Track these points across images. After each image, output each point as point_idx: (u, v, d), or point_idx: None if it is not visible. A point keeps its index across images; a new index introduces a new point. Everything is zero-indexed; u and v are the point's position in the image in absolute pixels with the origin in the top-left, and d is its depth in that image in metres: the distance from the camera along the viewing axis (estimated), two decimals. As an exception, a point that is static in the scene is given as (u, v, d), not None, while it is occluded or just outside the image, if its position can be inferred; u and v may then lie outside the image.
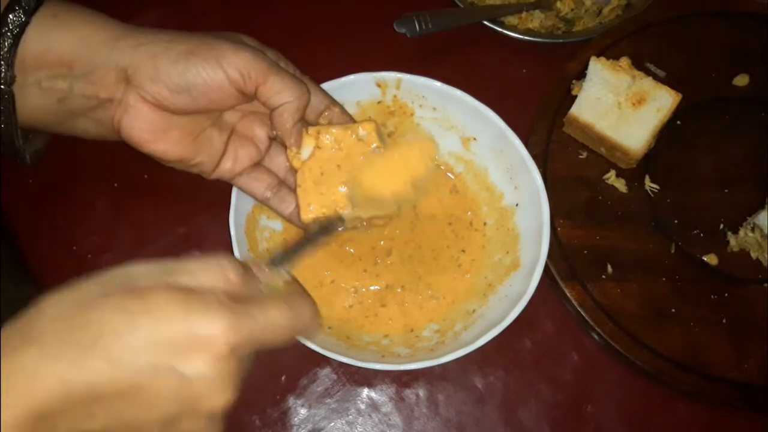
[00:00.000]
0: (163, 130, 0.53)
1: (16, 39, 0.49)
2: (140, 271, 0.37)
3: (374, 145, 0.56)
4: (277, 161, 0.59)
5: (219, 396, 0.36)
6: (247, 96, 0.53)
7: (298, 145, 0.55)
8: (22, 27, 0.50)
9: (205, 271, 0.38)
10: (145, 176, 0.67)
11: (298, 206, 0.56)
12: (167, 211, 0.66)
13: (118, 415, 0.35)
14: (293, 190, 0.57)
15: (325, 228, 0.55)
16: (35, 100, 0.51)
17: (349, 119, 0.58)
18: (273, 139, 0.58)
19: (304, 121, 0.56)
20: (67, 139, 0.67)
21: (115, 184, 0.66)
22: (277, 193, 0.58)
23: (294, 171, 0.56)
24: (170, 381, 0.35)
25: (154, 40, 0.51)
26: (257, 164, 0.58)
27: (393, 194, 0.55)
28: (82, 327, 0.34)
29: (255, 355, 0.39)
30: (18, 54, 0.50)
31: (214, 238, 0.64)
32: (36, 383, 0.33)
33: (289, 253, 0.49)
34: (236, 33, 0.55)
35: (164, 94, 0.51)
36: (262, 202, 0.59)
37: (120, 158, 0.67)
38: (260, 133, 0.57)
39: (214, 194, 0.63)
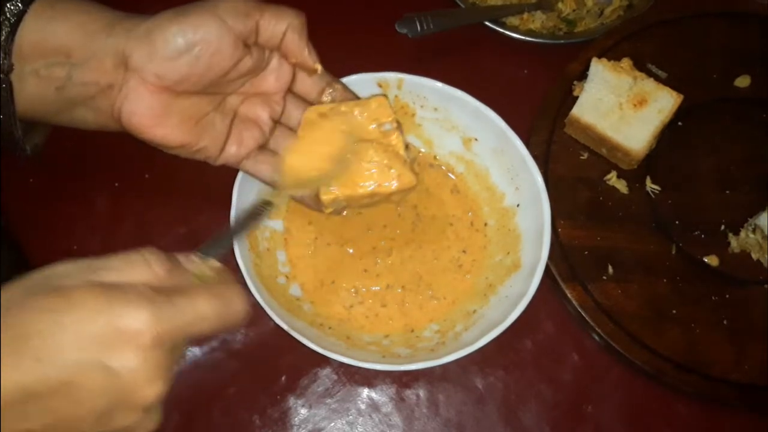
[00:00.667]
0: (164, 114, 0.52)
1: (14, 28, 0.49)
2: (64, 270, 0.38)
3: (388, 122, 0.56)
4: (282, 143, 0.58)
5: (150, 387, 0.37)
6: (248, 46, 0.52)
7: (318, 61, 0.55)
8: (20, 16, 0.49)
9: (130, 266, 0.38)
10: (146, 176, 0.67)
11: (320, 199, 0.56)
12: (167, 211, 0.66)
13: (53, 413, 0.36)
14: None
15: (253, 213, 0.53)
16: (33, 89, 0.51)
17: (353, 96, 0.58)
18: (276, 122, 0.58)
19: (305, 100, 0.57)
20: (68, 139, 0.67)
21: (116, 184, 0.66)
22: None
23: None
24: (99, 376, 0.35)
25: (148, 19, 0.51)
26: (263, 147, 0.58)
27: (316, 172, 0.56)
28: (6, 329, 0.35)
29: (186, 344, 0.40)
30: (15, 43, 0.49)
31: (214, 238, 0.64)
32: None
33: (218, 242, 0.47)
34: None
35: (164, 67, 0.50)
36: (271, 185, 0.58)
37: (120, 158, 0.67)
38: (263, 115, 0.57)
39: (214, 194, 0.63)
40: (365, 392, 0.61)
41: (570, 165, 0.67)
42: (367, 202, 0.58)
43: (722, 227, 0.65)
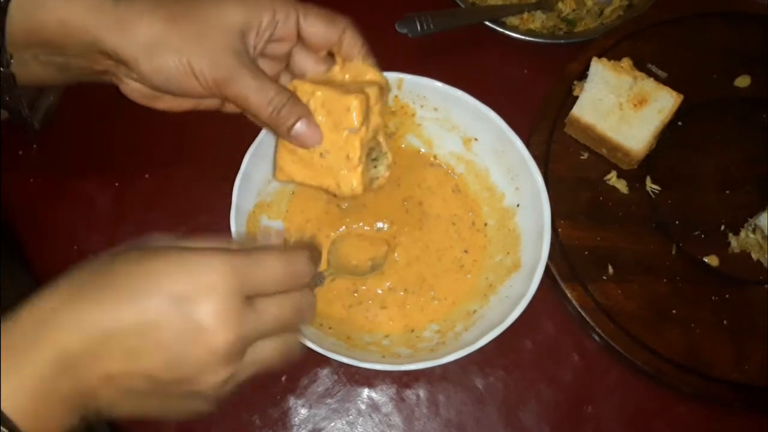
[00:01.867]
0: (157, 98, 0.55)
1: (1, 23, 0.50)
2: (154, 240, 0.43)
3: (353, 125, 0.53)
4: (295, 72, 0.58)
5: (221, 332, 0.39)
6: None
7: (307, 145, 0.53)
8: (3, 8, 0.50)
9: (277, 266, 0.43)
10: (146, 176, 0.67)
11: (275, 164, 0.55)
12: (168, 210, 0.66)
13: (132, 355, 0.39)
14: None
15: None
16: (39, 70, 0.53)
17: (356, 50, 0.55)
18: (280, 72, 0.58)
19: (298, 76, 0.55)
20: (68, 139, 0.68)
21: (116, 184, 0.66)
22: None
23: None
24: (177, 318, 0.39)
25: (139, 25, 0.50)
26: None
27: (362, 266, 0.61)
28: (101, 277, 0.40)
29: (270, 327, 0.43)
30: (7, 35, 0.50)
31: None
32: (59, 332, 0.38)
33: None
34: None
35: (147, 90, 0.53)
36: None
37: (120, 158, 0.67)
38: (267, 68, 0.56)
39: (214, 194, 0.63)
40: (365, 392, 0.61)
41: (570, 165, 0.67)
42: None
43: (722, 227, 0.65)
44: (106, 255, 0.41)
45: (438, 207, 0.65)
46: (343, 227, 0.63)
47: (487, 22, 0.72)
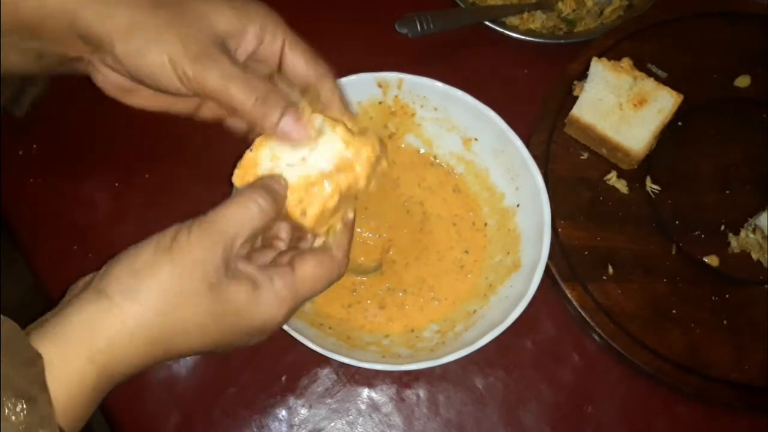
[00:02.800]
0: (132, 90, 0.52)
1: None
2: (205, 253, 0.43)
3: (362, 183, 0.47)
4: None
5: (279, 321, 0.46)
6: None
7: (297, 139, 0.47)
8: None
9: (246, 219, 0.45)
10: (146, 176, 0.67)
11: (239, 165, 0.50)
12: (168, 210, 0.65)
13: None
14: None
15: None
16: (15, 58, 0.51)
17: (337, 101, 0.50)
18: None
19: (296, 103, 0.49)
20: (68, 139, 0.68)
21: (116, 184, 0.66)
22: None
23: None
24: (235, 344, 0.45)
25: (114, 16, 0.48)
26: None
27: (366, 265, 0.62)
28: (176, 325, 0.41)
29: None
30: None
31: (214, 238, 0.64)
32: (97, 331, 0.39)
33: None
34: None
35: (123, 78, 0.50)
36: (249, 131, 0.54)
37: (120, 158, 0.67)
38: None
39: (214, 194, 0.63)
40: (365, 392, 0.61)
41: (570, 165, 0.67)
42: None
43: (722, 227, 0.65)
44: (215, 263, 0.43)
45: (439, 207, 0.65)
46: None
47: (487, 22, 0.72)
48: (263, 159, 0.48)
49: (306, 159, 0.47)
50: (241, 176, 0.49)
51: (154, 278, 0.41)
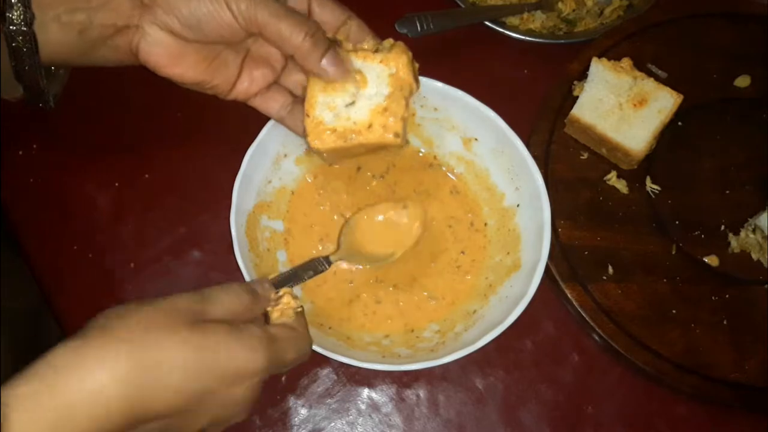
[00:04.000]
0: (179, 55, 0.54)
1: None
2: (180, 303, 0.43)
3: (409, 91, 0.56)
4: (294, 79, 0.59)
5: (243, 414, 0.46)
6: (256, 35, 0.54)
7: (338, 76, 0.54)
8: None
9: (228, 298, 0.46)
10: (146, 176, 0.67)
11: (305, 132, 0.56)
12: (168, 210, 0.66)
13: (168, 427, 0.42)
14: None
15: (315, 265, 0.57)
16: (57, 35, 0.52)
17: (367, 34, 0.57)
18: (289, 57, 0.58)
19: (333, 43, 0.55)
20: (68, 138, 0.68)
21: (116, 184, 0.66)
22: (292, 111, 0.59)
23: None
24: (214, 404, 0.43)
25: None
26: (273, 83, 0.59)
27: (379, 254, 0.61)
28: (153, 357, 0.40)
29: None
30: None
31: (214, 238, 0.64)
32: (104, 407, 0.38)
33: (283, 279, 0.53)
34: None
35: (176, 27, 0.52)
36: (278, 121, 0.59)
37: (120, 158, 0.67)
38: (275, 52, 0.58)
39: (214, 194, 0.63)
40: (365, 392, 0.61)
41: (570, 165, 0.67)
42: (356, 152, 0.58)
43: (722, 227, 0.65)
44: (154, 314, 0.42)
45: (434, 210, 0.65)
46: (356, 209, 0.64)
47: (487, 22, 0.72)
48: (323, 115, 0.55)
49: (362, 95, 0.55)
50: (315, 139, 0.56)
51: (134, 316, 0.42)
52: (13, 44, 0.51)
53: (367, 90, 0.55)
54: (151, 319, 0.41)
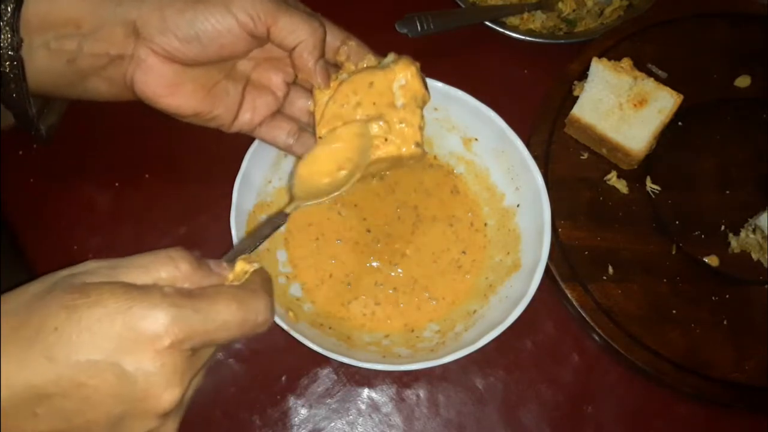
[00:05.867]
0: (176, 84, 0.52)
1: (19, 2, 0.48)
2: (89, 267, 0.37)
3: (418, 99, 0.55)
4: (298, 105, 0.58)
5: (166, 393, 0.35)
6: (259, 39, 0.52)
7: (326, 83, 0.54)
8: None
9: (155, 264, 0.37)
10: (146, 176, 0.67)
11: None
12: (168, 210, 0.66)
13: (63, 416, 0.35)
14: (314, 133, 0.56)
15: (271, 224, 0.52)
16: (44, 62, 0.50)
17: (367, 52, 0.56)
18: (290, 84, 0.57)
19: (326, 60, 0.55)
20: (68, 139, 0.68)
21: (116, 184, 0.66)
22: (299, 139, 0.57)
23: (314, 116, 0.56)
24: (113, 378, 0.34)
25: None
26: (277, 112, 0.57)
27: (330, 182, 0.55)
28: (24, 326, 0.34)
29: (212, 351, 0.39)
30: (22, 17, 0.49)
31: (214, 238, 0.64)
32: None
33: (239, 250, 0.48)
34: None
35: (174, 45, 0.50)
36: (285, 150, 0.58)
37: (120, 158, 0.67)
38: (276, 80, 0.57)
39: (214, 194, 0.63)
40: (365, 392, 0.61)
41: (570, 165, 0.67)
42: (376, 170, 0.57)
43: (722, 227, 0.65)
44: (33, 290, 0.36)
45: (434, 209, 0.65)
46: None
47: (487, 22, 0.72)
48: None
49: (376, 108, 0.55)
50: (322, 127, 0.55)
51: None
52: (0, 69, 0.49)
53: (380, 102, 0.55)
54: (32, 291, 0.36)
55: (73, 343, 0.34)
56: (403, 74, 0.54)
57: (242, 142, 0.59)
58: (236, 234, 0.56)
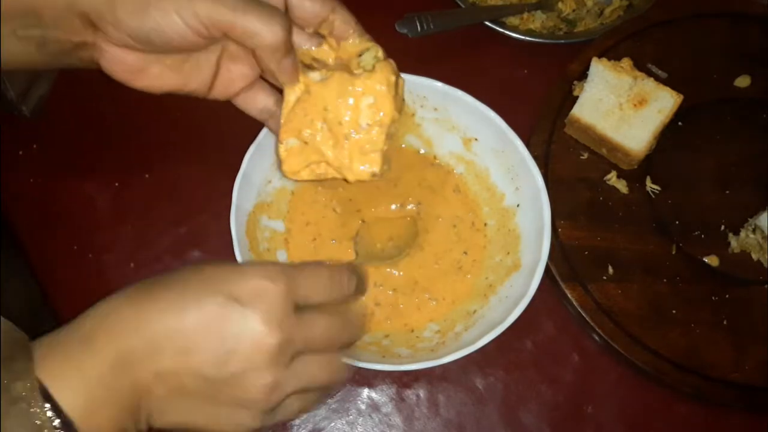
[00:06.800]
0: (142, 68, 0.51)
1: None
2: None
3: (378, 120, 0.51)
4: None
5: (270, 334, 0.40)
6: (218, 38, 0.49)
7: (292, 80, 0.51)
8: None
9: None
10: (146, 176, 0.67)
11: (279, 159, 0.54)
12: (168, 210, 0.66)
13: (185, 353, 0.40)
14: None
15: None
16: (17, 48, 0.50)
17: (352, 30, 0.53)
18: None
19: (294, 53, 0.51)
20: (68, 138, 0.68)
21: (116, 184, 0.66)
22: (275, 114, 0.55)
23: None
24: (230, 320, 0.40)
25: None
26: (256, 80, 0.55)
27: (387, 248, 0.61)
28: (161, 287, 0.41)
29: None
30: None
31: (214, 238, 0.64)
32: (119, 333, 0.39)
33: None
34: None
35: (129, 42, 0.49)
36: (262, 122, 0.57)
37: (120, 158, 0.67)
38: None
39: (214, 194, 0.63)
40: (365, 392, 0.61)
41: (570, 165, 0.67)
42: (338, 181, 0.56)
43: (722, 227, 0.65)
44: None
45: (439, 208, 0.65)
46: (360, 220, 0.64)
47: (487, 22, 0.72)
48: (297, 144, 0.53)
49: (339, 125, 0.52)
50: (288, 170, 0.54)
51: None
52: None
53: (344, 119, 0.52)
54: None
55: (202, 291, 0.40)
56: (372, 91, 0.51)
57: (243, 142, 0.59)
58: (236, 234, 0.56)
